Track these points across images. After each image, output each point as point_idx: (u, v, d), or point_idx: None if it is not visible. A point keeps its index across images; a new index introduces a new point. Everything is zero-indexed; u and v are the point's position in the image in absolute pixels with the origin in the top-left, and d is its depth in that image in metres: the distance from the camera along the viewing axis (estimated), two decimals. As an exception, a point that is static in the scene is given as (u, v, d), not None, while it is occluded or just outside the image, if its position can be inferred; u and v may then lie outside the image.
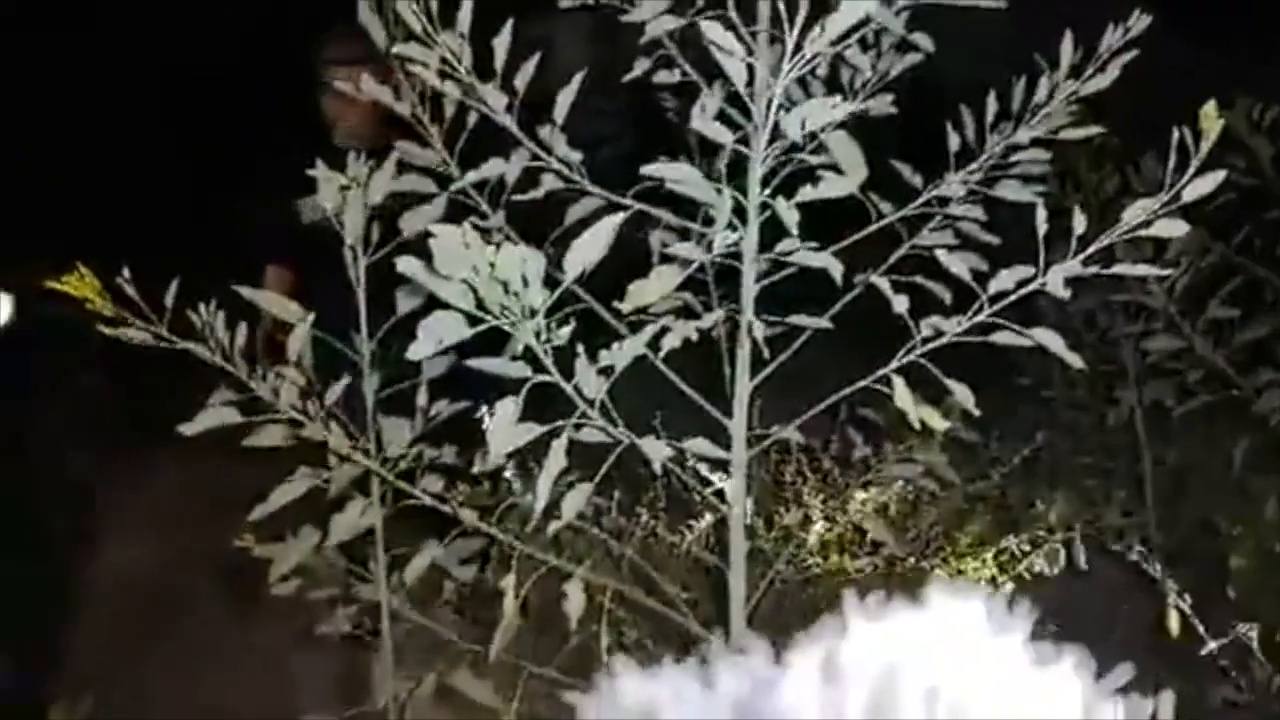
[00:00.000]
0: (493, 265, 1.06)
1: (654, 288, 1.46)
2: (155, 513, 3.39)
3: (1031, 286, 1.31)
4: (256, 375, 1.41)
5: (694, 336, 1.59)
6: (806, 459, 2.30)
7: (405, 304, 1.47)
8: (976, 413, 1.35)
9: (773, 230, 1.48)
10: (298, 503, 1.54)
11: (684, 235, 1.73)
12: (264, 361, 1.53)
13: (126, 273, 1.36)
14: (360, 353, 1.54)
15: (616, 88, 1.81)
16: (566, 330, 1.18)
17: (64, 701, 2.62)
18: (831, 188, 1.37)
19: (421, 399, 1.62)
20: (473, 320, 1.12)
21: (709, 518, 2.20)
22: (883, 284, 1.38)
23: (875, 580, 2.22)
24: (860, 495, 2.10)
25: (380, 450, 1.55)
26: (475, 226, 1.53)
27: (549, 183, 1.61)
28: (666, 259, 1.55)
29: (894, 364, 1.41)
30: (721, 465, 1.70)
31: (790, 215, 1.30)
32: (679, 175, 1.36)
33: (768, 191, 1.44)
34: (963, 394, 1.35)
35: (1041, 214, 1.28)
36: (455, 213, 1.63)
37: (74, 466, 3.16)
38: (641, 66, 1.71)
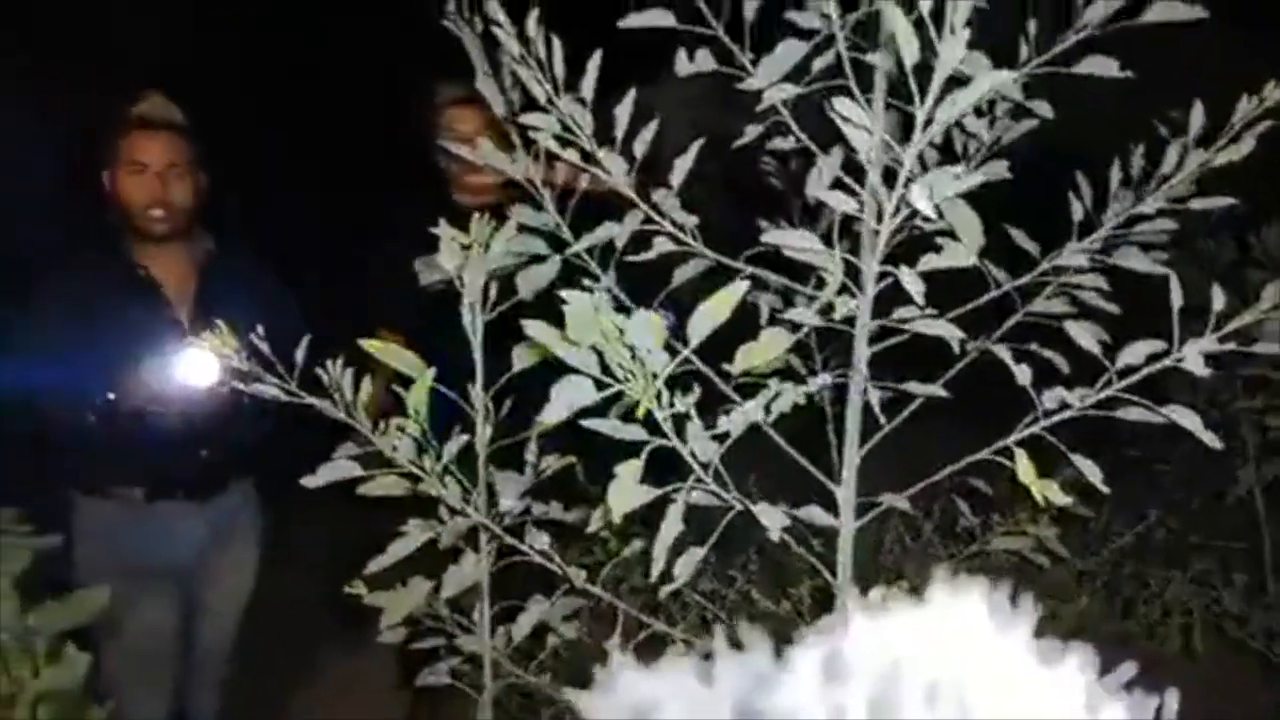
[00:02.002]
0: (621, 331, 1.07)
1: (763, 350, 1.46)
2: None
3: (1165, 362, 1.27)
4: (378, 430, 1.44)
5: (801, 401, 1.58)
6: (908, 529, 2.25)
7: (520, 361, 1.49)
8: (1105, 490, 1.30)
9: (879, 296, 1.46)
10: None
11: (787, 298, 1.73)
12: (376, 415, 1.57)
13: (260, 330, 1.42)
14: (474, 408, 1.57)
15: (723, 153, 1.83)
16: (692, 397, 1.18)
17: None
18: (953, 256, 1.35)
19: (530, 454, 1.64)
20: (599, 384, 1.13)
21: (807, 584, 2.16)
22: (1003, 353, 1.35)
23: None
24: (965, 567, 2.04)
25: (493, 505, 1.56)
26: (587, 288, 1.56)
27: (661, 245, 1.62)
28: (775, 321, 1.54)
29: (1015, 435, 1.38)
30: (825, 533, 1.67)
31: (916, 285, 1.29)
32: (799, 242, 1.36)
33: (882, 257, 1.43)
34: (1090, 470, 1.31)
35: (1176, 286, 1.24)
36: (567, 272, 1.66)
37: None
38: (753, 133, 1.73)
